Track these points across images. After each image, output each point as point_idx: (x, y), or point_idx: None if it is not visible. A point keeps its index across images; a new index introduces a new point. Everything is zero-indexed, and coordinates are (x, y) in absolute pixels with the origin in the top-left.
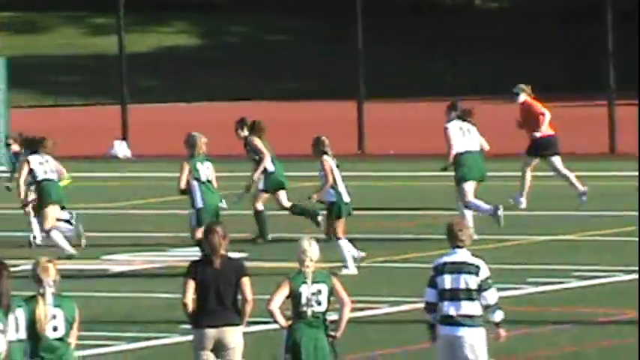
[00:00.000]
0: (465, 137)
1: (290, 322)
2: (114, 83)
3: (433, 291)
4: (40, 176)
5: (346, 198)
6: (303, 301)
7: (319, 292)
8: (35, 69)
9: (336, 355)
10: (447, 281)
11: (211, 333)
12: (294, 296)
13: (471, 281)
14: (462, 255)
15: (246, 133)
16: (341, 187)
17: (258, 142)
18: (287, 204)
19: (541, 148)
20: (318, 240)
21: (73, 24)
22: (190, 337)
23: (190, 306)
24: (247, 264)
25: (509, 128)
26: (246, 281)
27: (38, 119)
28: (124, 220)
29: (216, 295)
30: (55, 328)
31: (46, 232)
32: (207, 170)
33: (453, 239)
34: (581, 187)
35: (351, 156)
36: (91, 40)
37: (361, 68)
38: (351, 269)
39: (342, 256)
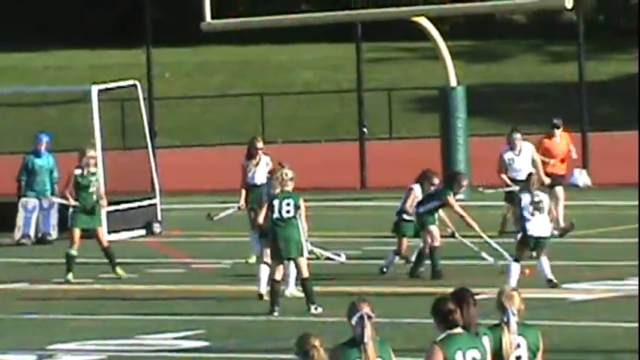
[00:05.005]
0: None
1: None
2: (573, 111)
3: None
4: None
5: None
6: None
7: None
8: (494, 97)
9: None
10: None
11: None
12: None
13: None
14: None
15: None
16: None
17: None
18: None
19: None
20: None
21: (531, 52)
22: None
23: None
24: None
25: None
26: None
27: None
28: (583, 249)
29: None
30: (518, 358)
31: None
32: None
33: None
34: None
35: None
36: (550, 67)
37: None
38: None
39: None
